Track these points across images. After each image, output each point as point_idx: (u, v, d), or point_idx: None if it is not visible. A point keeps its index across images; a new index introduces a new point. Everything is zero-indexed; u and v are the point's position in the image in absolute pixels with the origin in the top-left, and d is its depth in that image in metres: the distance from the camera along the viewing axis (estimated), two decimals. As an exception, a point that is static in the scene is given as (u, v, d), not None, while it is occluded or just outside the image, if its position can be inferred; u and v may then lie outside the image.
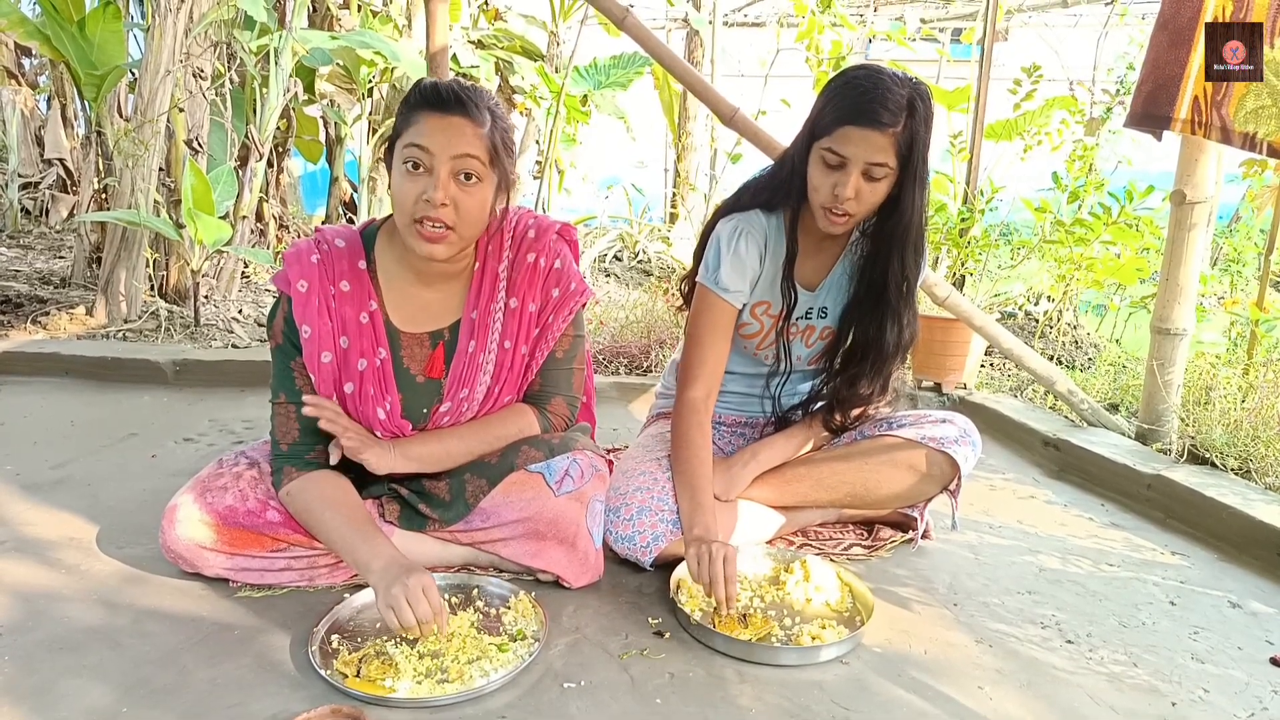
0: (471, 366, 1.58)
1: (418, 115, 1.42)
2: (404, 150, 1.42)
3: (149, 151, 3.40)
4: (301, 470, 1.51)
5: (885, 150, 1.50)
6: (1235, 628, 1.56)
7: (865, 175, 1.52)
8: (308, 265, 1.52)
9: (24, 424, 2.50)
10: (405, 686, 1.23)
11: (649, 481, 1.66)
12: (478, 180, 1.44)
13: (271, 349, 1.56)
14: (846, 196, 1.52)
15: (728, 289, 1.70)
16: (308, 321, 1.50)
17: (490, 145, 1.44)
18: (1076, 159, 3.71)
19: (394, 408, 1.54)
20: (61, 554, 1.65)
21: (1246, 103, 1.96)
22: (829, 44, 3.86)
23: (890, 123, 1.48)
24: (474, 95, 1.45)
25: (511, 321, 1.60)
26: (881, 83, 1.50)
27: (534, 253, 1.61)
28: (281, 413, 1.54)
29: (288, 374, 1.54)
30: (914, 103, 1.50)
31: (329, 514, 1.46)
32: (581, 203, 6.52)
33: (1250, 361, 2.58)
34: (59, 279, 4.06)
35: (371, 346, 1.54)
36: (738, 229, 1.71)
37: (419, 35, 4.58)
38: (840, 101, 1.53)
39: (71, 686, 1.23)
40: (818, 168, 1.57)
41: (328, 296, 1.52)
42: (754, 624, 1.43)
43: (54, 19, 3.68)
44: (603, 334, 3.50)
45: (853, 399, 1.77)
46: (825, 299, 1.77)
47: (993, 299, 3.98)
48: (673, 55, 2.51)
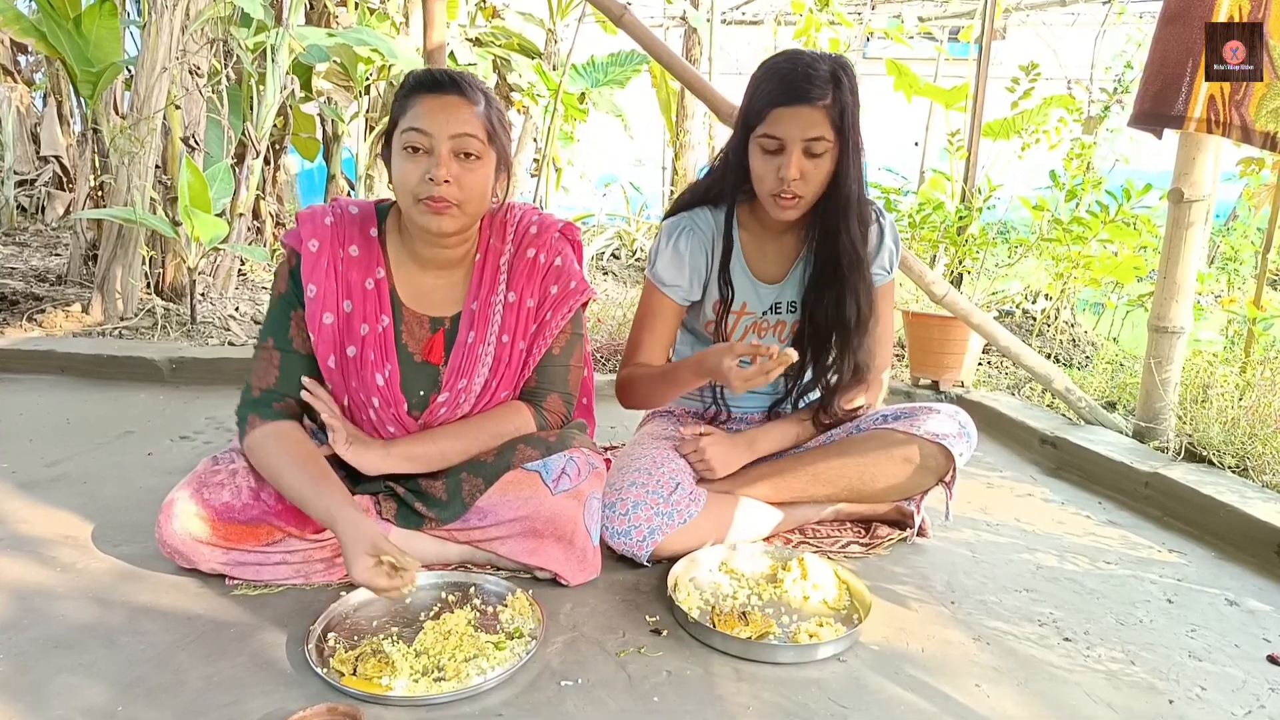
0: (470, 358, 1.58)
1: (413, 100, 1.45)
2: (403, 135, 1.45)
3: (145, 149, 3.39)
4: (265, 420, 1.52)
5: (820, 124, 1.52)
6: (1232, 625, 1.57)
7: (806, 153, 1.55)
8: (320, 226, 1.55)
9: (20, 421, 2.49)
10: (402, 684, 1.22)
11: (644, 477, 1.66)
12: (477, 158, 1.47)
13: (273, 296, 1.57)
14: (792, 177, 1.55)
15: (665, 283, 1.77)
16: (314, 281, 1.52)
17: (487, 123, 1.47)
18: (1074, 157, 3.71)
19: (393, 375, 1.55)
20: (57, 552, 1.65)
21: (1268, 102, 1.94)
22: (827, 42, 3.86)
23: (819, 96, 1.51)
24: (467, 78, 1.48)
25: (510, 315, 1.61)
26: (802, 60, 1.54)
27: (534, 248, 1.62)
28: (264, 356, 1.55)
29: (284, 321, 1.55)
30: (838, 74, 1.54)
31: (288, 468, 1.46)
32: (579, 201, 6.52)
33: (1247, 360, 2.58)
34: (55, 276, 4.05)
35: (375, 312, 1.55)
36: (680, 226, 1.77)
37: (416, 32, 4.57)
38: (766, 87, 1.56)
39: (66, 684, 1.23)
40: (758, 158, 1.59)
41: (336, 259, 1.54)
42: (752, 622, 1.43)
43: (50, 15, 3.67)
44: (600, 331, 3.50)
45: (829, 386, 1.77)
46: (794, 293, 1.79)
47: (990, 297, 3.98)
48: (670, 53, 2.51)
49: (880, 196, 3.86)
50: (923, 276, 2.49)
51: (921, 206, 3.72)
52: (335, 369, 1.55)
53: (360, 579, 1.32)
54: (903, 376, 3.22)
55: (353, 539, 1.34)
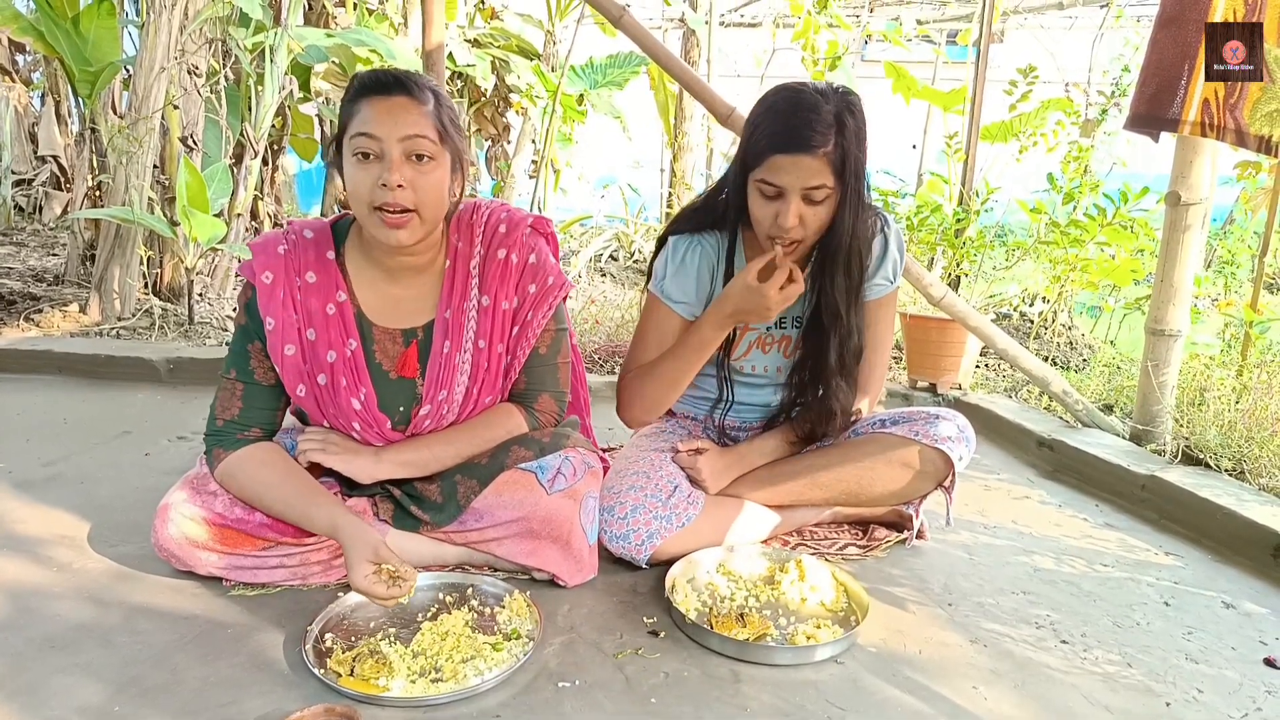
0: (448, 368, 1.56)
1: (360, 104, 1.41)
2: (351, 141, 1.40)
3: (143, 149, 3.39)
4: (229, 450, 1.51)
5: (820, 173, 1.47)
6: (1229, 628, 1.57)
7: (805, 200, 1.50)
8: (273, 256, 1.51)
9: (17, 421, 2.49)
10: (399, 685, 1.22)
11: (642, 480, 1.66)
12: (430, 159, 1.42)
13: (235, 326, 1.56)
14: (789, 225, 1.51)
15: (672, 299, 1.74)
16: (271, 314, 1.50)
17: (438, 123, 1.43)
18: (1072, 160, 3.72)
19: (369, 398, 1.53)
20: (53, 552, 1.64)
21: (1262, 106, 1.95)
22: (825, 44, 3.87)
23: (820, 144, 1.45)
24: (414, 77, 1.44)
25: (485, 320, 1.57)
26: (804, 104, 1.47)
27: (505, 248, 1.58)
28: (228, 387, 1.55)
29: (244, 355, 1.54)
30: (842, 118, 1.47)
31: (270, 490, 1.46)
32: (578, 202, 6.51)
33: (1244, 363, 2.58)
34: (53, 276, 4.05)
35: (340, 337, 1.52)
36: (686, 243, 1.73)
37: (415, 33, 4.57)
38: (767, 127, 1.50)
39: (62, 685, 1.23)
40: (756, 200, 1.55)
41: (293, 288, 1.51)
42: (750, 624, 1.43)
43: (48, 15, 3.67)
44: (598, 333, 3.49)
45: (820, 410, 1.74)
46: (798, 308, 1.76)
47: (988, 300, 3.99)
48: (669, 55, 2.51)
49: (878, 199, 3.86)
50: (920, 279, 2.49)
51: (919, 209, 3.73)
52: (307, 396, 1.53)
53: (359, 586, 1.32)
54: (900, 379, 3.23)
55: (356, 545, 1.34)
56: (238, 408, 1.54)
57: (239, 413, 1.54)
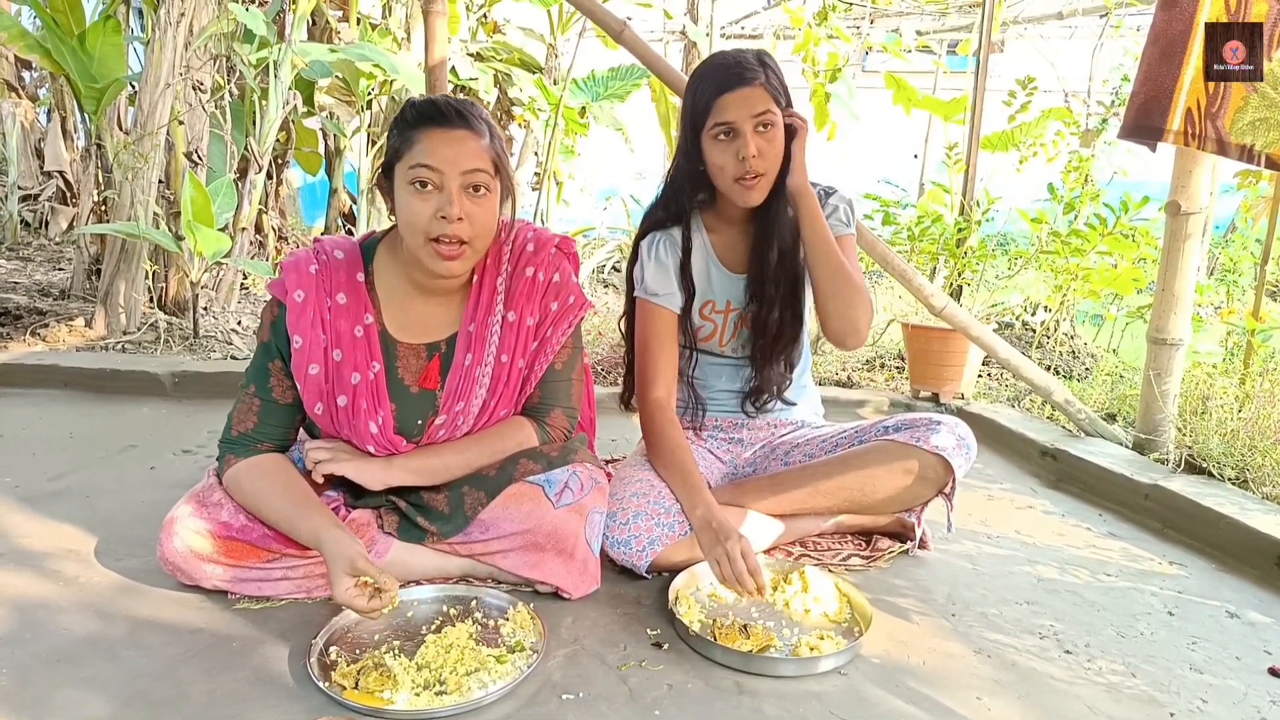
0: (468, 380, 1.58)
1: (419, 134, 1.42)
2: (410, 171, 1.42)
3: (148, 164, 3.41)
4: (240, 458, 1.53)
5: (763, 99, 1.62)
6: (1233, 638, 1.57)
7: (757, 129, 1.63)
8: (305, 275, 1.53)
9: (22, 435, 2.50)
10: (404, 698, 1.23)
11: (645, 487, 1.67)
12: (487, 192, 1.45)
13: (258, 340, 1.58)
14: (752, 154, 1.62)
15: (658, 294, 1.80)
16: (300, 332, 1.51)
17: (494, 154, 1.46)
18: (1072, 170, 3.73)
19: (386, 422, 1.54)
20: (59, 565, 1.65)
21: (1244, 114, 1.98)
22: (825, 56, 3.89)
23: (754, 77, 1.62)
24: (471, 108, 1.47)
25: (509, 335, 1.60)
26: (728, 57, 1.66)
27: (532, 266, 1.62)
28: (246, 401, 1.56)
29: (265, 372, 1.55)
30: (763, 58, 1.66)
31: (268, 497, 1.47)
32: (580, 214, 6.53)
33: (1247, 371, 2.59)
34: (58, 291, 4.07)
35: (365, 360, 1.54)
36: (654, 239, 1.83)
37: (418, 48, 4.61)
38: (705, 84, 1.65)
39: (68, 698, 1.23)
40: (714, 149, 1.66)
41: (323, 308, 1.52)
42: (753, 635, 1.43)
43: (54, 32, 3.70)
44: (601, 345, 3.51)
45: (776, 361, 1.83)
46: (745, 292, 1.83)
47: (990, 309, 3.99)
48: (670, 68, 2.52)
49: (879, 209, 3.87)
50: (922, 289, 2.50)
51: (920, 219, 3.74)
52: (324, 415, 1.54)
53: (340, 599, 1.33)
54: (903, 389, 3.23)
55: (335, 558, 1.35)
56: (253, 422, 1.55)
57: (253, 427, 1.55)
